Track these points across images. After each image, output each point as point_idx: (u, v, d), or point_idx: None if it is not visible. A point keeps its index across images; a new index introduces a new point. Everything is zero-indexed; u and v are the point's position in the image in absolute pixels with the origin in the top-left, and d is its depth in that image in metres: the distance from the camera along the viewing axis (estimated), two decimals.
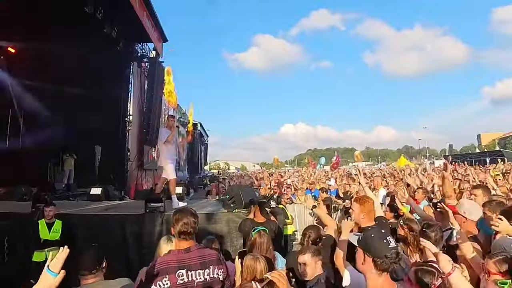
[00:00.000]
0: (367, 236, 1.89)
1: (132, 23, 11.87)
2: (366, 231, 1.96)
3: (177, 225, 2.40)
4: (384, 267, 1.78)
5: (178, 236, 2.42)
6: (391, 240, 1.83)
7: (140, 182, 15.25)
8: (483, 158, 32.92)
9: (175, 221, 2.42)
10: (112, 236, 4.81)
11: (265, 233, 3.36)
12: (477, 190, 4.35)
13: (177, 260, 2.32)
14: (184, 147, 32.06)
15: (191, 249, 2.39)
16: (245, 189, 5.93)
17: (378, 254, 1.78)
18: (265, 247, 3.23)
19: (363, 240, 1.90)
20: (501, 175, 9.80)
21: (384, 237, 1.83)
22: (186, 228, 2.38)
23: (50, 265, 1.66)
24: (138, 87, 15.86)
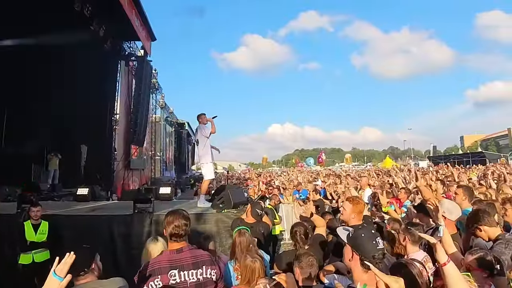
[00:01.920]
0: (357, 235, 1.93)
1: (120, 21, 11.75)
2: (357, 230, 1.99)
3: (169, 228, 2.40)
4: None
5: (169, 238, 2.43)
6: (379, 241, 1.88)
7: (127, 182, 15.10)
8: (465, 159, 33.67)
9: (167, 223, 2.43)
10: (100, 237, 4.75)
11: (245, 232, 3.40)
12: (458, 189, 4.52)
13: (169, 260, 2.33)
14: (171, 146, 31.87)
15: (183, 249, 2.40)
16: (234, 190, 5.97)
17: (367, 253, 1.83)
18: (245, 245, 3.26)
19: (353, 238, 1.94)
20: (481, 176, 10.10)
21: (373, 238, 1.88)
22: (177, 231, 2.39)
23: (56, 270, 1.67)
24: (126, 86, 15.70)
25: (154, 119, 24.70)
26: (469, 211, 3.71)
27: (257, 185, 10.34)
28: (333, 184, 10.20)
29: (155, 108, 24.94)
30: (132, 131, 14.91)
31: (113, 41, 13.28)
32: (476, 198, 4.43)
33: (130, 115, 15.24)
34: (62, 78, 10.73)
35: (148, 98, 17.89)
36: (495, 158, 30.71)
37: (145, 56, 15.98)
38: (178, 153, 33.25)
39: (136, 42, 15.69)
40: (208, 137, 6.14)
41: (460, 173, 11.20)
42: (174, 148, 32.43)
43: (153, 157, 23.80)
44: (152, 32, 15.36)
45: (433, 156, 55.61)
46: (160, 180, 19.53)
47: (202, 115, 6.24)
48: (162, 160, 27.21)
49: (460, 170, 13.42)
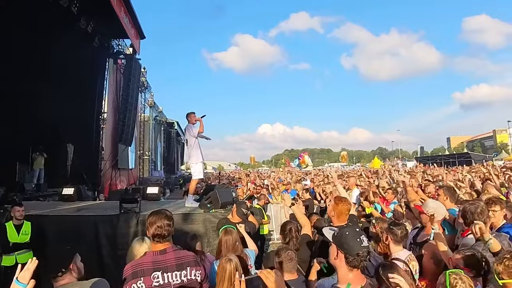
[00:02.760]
0: (342, 233, 1.96)
1: (109, 18, 11.60)
2: (342, 229, 2.02)
3: (151, 228, 2.38)
4: (355, 264, 1.87)
5: (152, 239, 2.40)
6: (364, 239, 1.91)
7: (114, 182, 14.91)
8: (452, 160, 34.30)
9: (149, 224, 2.40)
10: (86, 237, 4.66)
11: (231, 231, 3.39)
12: (439, 190, 4.62)
13: (152, 262, 2.30)
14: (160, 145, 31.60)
15: (167, 250, 2.37)
16: (222, 190, 5.94)
17: (351, 251, 1.87)
18: (231, 244, 3.26)
19: (338, 236, 1.97)
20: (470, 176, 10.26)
21: (358, 236, 1.91)
22: (160, 231, 2.36)
23: (19, 277, 1.65)
24: (114, 84, 15.49)
25: (142, 118, 24.48)
26: (456, 211, 3.79)
27: (245, 185, 10.35)
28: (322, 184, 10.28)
29: (143, 107, 24.71)
30: (120, 130, 14.72)
31: (101, 38, 13.07)
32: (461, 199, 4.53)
33: (118, 114, 15.04)
34: (48, 76, 10.53)
35: (137, 96, 17.69)
36: (480, 159, 31.31)
37: (134, 54, 15.80)
38: (167, 152, 33.01)
39: (125, 40, 15.48)
40: (197, 136, 6.11)
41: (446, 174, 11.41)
42: (163, 147, 32.18)
43: (142, 156, 23.58)
44: (142, 30, 15.20)
45: (420, 157, 56.47)
46: (148, 180, 19.37)
47: (191, 114, 6.20)
48: (150, 160, 26.98)
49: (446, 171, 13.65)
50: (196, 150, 6.16)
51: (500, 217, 3.26)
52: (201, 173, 6.32)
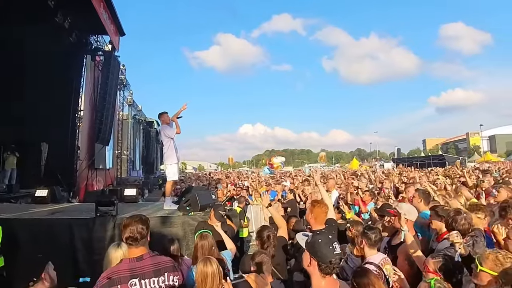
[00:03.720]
0: (314, 241, 2.00)
1: (87, 14, 11.24)
2: (315, 236, 2.06)
3: (125, 231, 2.36)
4: (327, 271, 1.92)
5: (126, 242, 2.38)
6: (336, 246, 1.95)
7: (91, 182, 14.51)
8: (427, 161, 35.38)
9: (123, 227, 2.38)
10: (60, 242, 4.48)
11: (207, 235, 3.39)
12: (414, 193, 4.80)
13: (129, 269, 2.27)
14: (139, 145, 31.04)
15: (144, 257, 2.35)
16: (201, 192, 5.90)
17: (324, 259, 1.91)
18: (207, 248, 3.26)
19: (311, 244, 2.01)
20: (441, 178, 10.65)
21: (330, 243, 1.96)
22: (132, 234, 2.34)
23: None
24: (91, 82, 15.10)
25: (121, 116, 23.97)
26: (428, 214, 3.93)
27: (225, 187, 10.32)
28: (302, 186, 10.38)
29: (122, 105, 24.20)
30: (97, 129, 14.34)
31: (79, 34, 12.71)
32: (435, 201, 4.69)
33: (95, 112, 14.65)
34: (21, 71, 10.15)
35: (115, 94, 17.31)
36: (453, 161, 32.47)
37: (113, 51, 15.43)
38: (146, 152, 32.38)
39: (103, 36, 15.11)
40: (173, 138, 6.04)
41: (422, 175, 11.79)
42: (142, 147, 31.56)
43: (120, 156, 23.08)
44: (121, 27, 14.85)
45: (397, 158, 57.96)
46: (126, 181, 18.96)
47: (164, 114, 6.15)
48: (129, 160, 26.43)
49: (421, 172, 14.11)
50: (171, 151, 6.11)
51: (481, 224, 3.37)
52: (176, 174, 6.25)
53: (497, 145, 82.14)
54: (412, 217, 3.62)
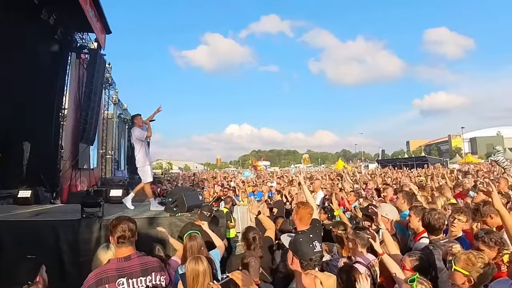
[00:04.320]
0: (296, 240, 2.11)
1: (73, 11, 11.07)
2: (296, 235, 2.18)
3: (115, 231, 2.38)
4: (309, 268, 2.01)
5: (117, 242, 2.40)
6: (317, 245, 2.06)
7: (74, 183, 14.24)
8: (410, 162, 36.03)
9: (113, 227, 2.41)
10: (44, 245, 4.41)
11: (196, 236, 3.43)
12: (399, 194, 4.96)
13: (116, 268, 2.30)
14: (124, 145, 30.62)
15: (131, 256, 2.38)
16: (188, 193, 5.91)
17: (305, 257, 2.02)
18: (196, 249, 3.30)
19: (293, 243, 2.12)
20: (424, 179, 10.95)
21: (311, 242, 2.06)
22: (124, 233, 2.38)
23: None
24: (76, 80, 14.84)
25: (106, 115, 23.61)
26: (407, 214, 4.09)
27: (212, 187, 10.32)
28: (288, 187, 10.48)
29: (107, 104, 23.84)
30: (81, 128, 14.10)
31: (64, 31, 12.46)
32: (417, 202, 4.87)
33: (79, 111, 14.42)
34: (4, 69, 9.88)
35: (100, 93, 17.04)
36: (435, 162, 33.21)
37: (99, 49, 15.19)
38: (132, 152, 31.87)
39: (89, 34, 14.83)
40: (144, 140, 6.06)
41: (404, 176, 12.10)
42: (127, 146, 31.09)
43: (104, 156, 22.73)
44: (108, 25, 14.66)
45: (381, 160, 58.95)
46: (111, 181, 18.70)
47: (137, 116, 6.18)
48: (113, 159, 26.04)
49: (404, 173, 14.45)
50: (143, 154, 6.15)
51: (461, 227, 3.46)
52: (150, 176, 6.28)
53: (478, 147, 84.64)
54: (393, 217, 3.77)
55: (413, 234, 3.86)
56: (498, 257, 2.71)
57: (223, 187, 10.43)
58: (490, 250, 2.74)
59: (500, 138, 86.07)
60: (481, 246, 2.79)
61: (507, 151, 40.60)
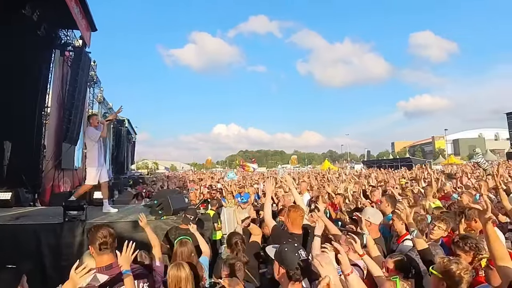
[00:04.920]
0: (281, 250, 2.10)
1: (57, 7, 10.71)
2: (281, 246, 2.16)
3: (95, 238, 2.35)
4: (296, 277, 2.00)
5: (99, 250, 2.37)
6: (302, 253, 2.06)
7: (57, 183, 13.90)
8: (395, 163, 36.61)
9: (92, 235, 2.38)
10: (25, 249, 4.29)
11: (187, 242, 3.41)
12: (382, 198, 5.07)
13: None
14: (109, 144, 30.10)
15: (113, 265, 2.35)
16: (174, 195, 5.86)
17: (291, 266, 2.01)
18: (187, 255, 3.28)
19: (278, 253, 2.11)
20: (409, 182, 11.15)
21: (296, 251, 2.06)
22: (106, 239, 2.36)
23: None
24: (59, 78, 14.49)
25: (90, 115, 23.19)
26: (391, 217, 4.17)
27: (198, 189, 10.26)
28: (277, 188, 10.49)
29: (92, 103, 23.38)
30: (65, 127, 13.75)
31: (48, 28, 12.12)
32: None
33: (63, 110, 14.07)
34: None
35: (85, 91, 16.68)
36: (418, 163, 33.82)
37: (84, 46, 14.82)
38: (117, 151, 31.35)
39: (74, 31, 14.49)
40: (97, 141, 6.00)
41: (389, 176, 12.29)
42: (112, 146, 30.56)
43: None
44: (93, 22, 14.29)
45: (367, 160, 59.80)
46: None
47: (93, 116, 6.18)
48: None
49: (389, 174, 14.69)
50: (93, 154, 6.07)
51: (440, 235, 3.59)
52: (95, 179, 6.09)
53: (460, 149, 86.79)
54: (376, 221, 3.83)
55: (395, 237, 3.94)
56: (474, 261, 2.79)
57: (210, 189, 10.38)
58: (466, 255, 2.83)
59: (482, 140, 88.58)
60: (457, 251, 2.88)
61: (488, 152, 41.78)
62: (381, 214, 4.08)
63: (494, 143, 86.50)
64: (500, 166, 12.18)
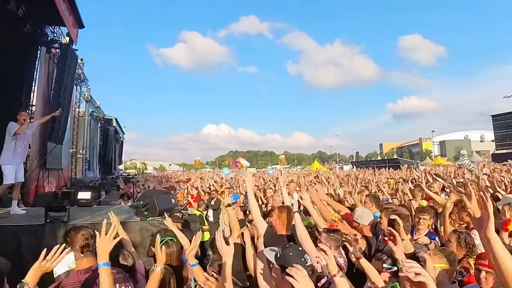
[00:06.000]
0: (286, 254, 1.96)
1: (44, 3, 10.51)
2: (285, 249, 2.03)
3: (76, 240, 2.29)
4: None
5: (80, 252, 2.30)
6: (308, 258, 1.95)
7: (42, 184, 13.58)
8: (383, 164, 37.07)
9: (72, 238, 2.32)
10: (5, 251, 4.13)
11: (173, 243, 3.35)
12: (366, 198, 5.16)
13: (77, 281, 2.20)
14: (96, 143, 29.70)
15: (93, 267, 2.28)
16: (160, 196, 5.76)
17: None
18: (175, 257, 3.23)
19: (282, 258, 1.97)
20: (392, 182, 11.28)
21: (302, 255, 1.95)
22: (88, 241, 2.30)
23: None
24: (45, 75, 14.14)
25: (77, 113, 22.76)
26: (378, 216, 4.22)
27: (185, 189, 10.15)
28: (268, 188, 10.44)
29: (79, 101, 22.99)
30: (50, 126, 13.49)
31: (34, 24, 11.85)
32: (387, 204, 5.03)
33: (48, 108, 13.75)
34: None
35: (71, 90, 16.39)
36: (406, 164, 34.28)
37: (71, 44, 14.57)
38: (104, 151, 30.92)
39: (61, 28, 14.19)
40: (13, 136, 5.86)
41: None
42: (99, 145, 30.12)
43: (75, 155, 21.88)
44: (81, 19, 14.00)
45: (355, 161, 60.40)
46: (81, 181, 17.98)
47: (22, 112, 6.09)
48: (85, 159, 25.13)
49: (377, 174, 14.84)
50: (8, 149, 5.91)
51: (427, 225, 3.76)
52: (10, 177, 5.93)
53: (447, 150, 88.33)
54: (366, 221, 3.85)
55: (383, 235, 3.95)
56: (463, 259, 2.80)
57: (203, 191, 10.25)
58: (457, 248, 2.84)
59: (468, 141, 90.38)
60: (452, 239, 2.88)
61: (474, 154, 42.60)
62: (371, 214, 4.10)
63: (479, 145, 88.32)
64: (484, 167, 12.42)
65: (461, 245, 2.84)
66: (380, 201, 5.20)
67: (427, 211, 3.86)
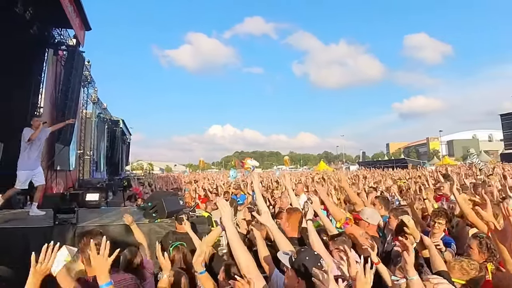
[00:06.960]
0: (301, 259, 1.93)
1: (51, 6, 10.53)
2: (300, 253, 1.99)
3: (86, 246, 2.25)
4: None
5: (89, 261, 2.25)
6: (323, 263, 1.91)
7: (50, 185, 13.68)
8: (390, 164, 36.78)
9: (86, 243, 2.27)
10: (14, 254, 4.11)
11: (183, 247, 3.31)
12: (375, 200, 5.09)
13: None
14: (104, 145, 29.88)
15: None
16: (168, 197, 5.73)
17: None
18: (187, 259, 3.19)
19: (297, 262, 1.93)
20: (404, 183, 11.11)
21: (317, 260, 1.91)
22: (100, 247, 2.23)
23: None
24: (53, 77, 14.27)
25: (84, 115, 22.91)
26: (386, 218, 4.16)
27: (193, 190, 10.11)
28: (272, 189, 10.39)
29: (86, 103, 23.14)
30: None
31: (41, 26, 11.94)
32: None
33: (56, 110, 13.87)
34: None
35: (78, 91, 16.49)
36: (415, 164, 33.99)
37: (78, 46, 14.65)
38: (111, 152, 31.07)
39: (68, 30, 14.28)
40: (27, 142, 5.87)
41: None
42: (106, 147, 30.29)
43: (82, 156, 22.01)
44: (87, 21, 14.10)
45: (362, 162, 60.05)
46: (89, 183, 18.08)
47: (35, 118, 6.02)
48: (92, 160, 25.26)
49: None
50: (23, 156, 5.94)
51: (442, 229, 3.66)
52: (24, 183, 6.05)
53: (454, 150, 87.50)
54: (375, 221, 3.79)
55: (391, 236, 3.88)
56: (483, 264, 2.71)
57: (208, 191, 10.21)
58: (479, 253, 2.75)
59: (476, 141, 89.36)
60: (473, 245, 2.79)
61: (482, 153, 42.11)
62: (379, 215, 4.06)
63: (488, 144, 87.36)
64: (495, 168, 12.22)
65: (483, 251, 2.75)
66: (389, 203, 5.15)
67: (443, 214, 3.72)
